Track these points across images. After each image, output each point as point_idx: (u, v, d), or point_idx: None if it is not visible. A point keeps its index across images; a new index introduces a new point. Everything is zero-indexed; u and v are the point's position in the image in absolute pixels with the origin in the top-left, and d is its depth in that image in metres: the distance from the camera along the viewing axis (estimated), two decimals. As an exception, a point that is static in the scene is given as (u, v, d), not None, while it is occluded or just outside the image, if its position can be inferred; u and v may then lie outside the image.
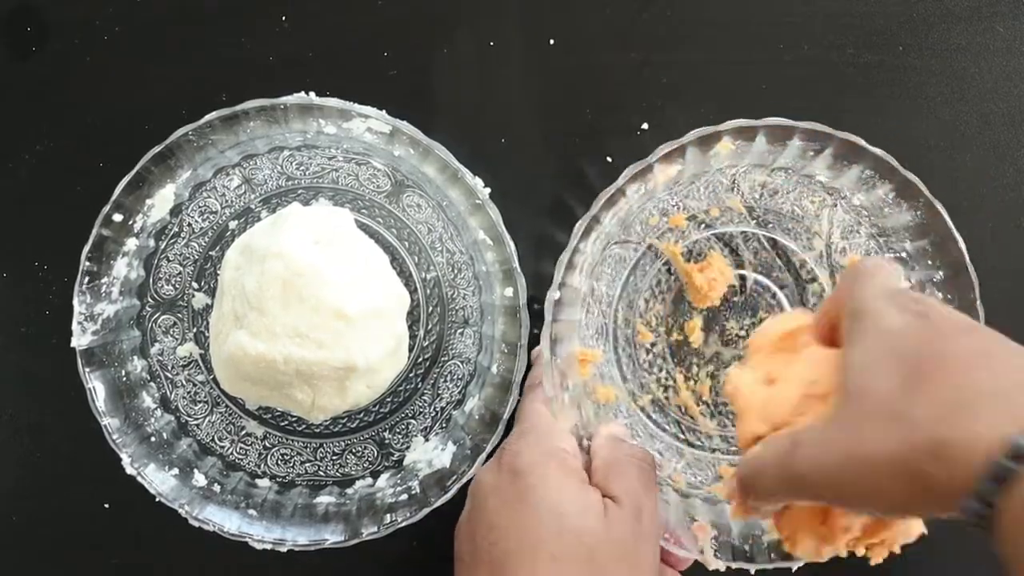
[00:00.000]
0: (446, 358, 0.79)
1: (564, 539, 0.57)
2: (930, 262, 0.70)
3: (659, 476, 0.73)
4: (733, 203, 0.76)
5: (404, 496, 0.75)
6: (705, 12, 0.79)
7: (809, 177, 0.74)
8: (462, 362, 0.79)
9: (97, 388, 0.74)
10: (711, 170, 0.75)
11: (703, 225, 0.77)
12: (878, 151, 0.68)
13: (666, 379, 0.78)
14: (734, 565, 0.69)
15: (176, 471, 0.75)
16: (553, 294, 0.69)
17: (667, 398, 0.77)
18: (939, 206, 0.68)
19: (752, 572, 0.69)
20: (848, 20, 0.79)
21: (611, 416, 0.75)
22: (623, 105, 0.79)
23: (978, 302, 0.68)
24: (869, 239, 0.74)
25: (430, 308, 0.79)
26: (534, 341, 0.74)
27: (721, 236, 0.77)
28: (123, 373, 0.76)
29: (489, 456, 0.73)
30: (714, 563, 0.69)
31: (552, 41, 0.80)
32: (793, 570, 0.69)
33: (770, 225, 0.76)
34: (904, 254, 0.72)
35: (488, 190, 0.75)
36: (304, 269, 0.70)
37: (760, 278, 0.77)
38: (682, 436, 0.77)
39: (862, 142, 0.68)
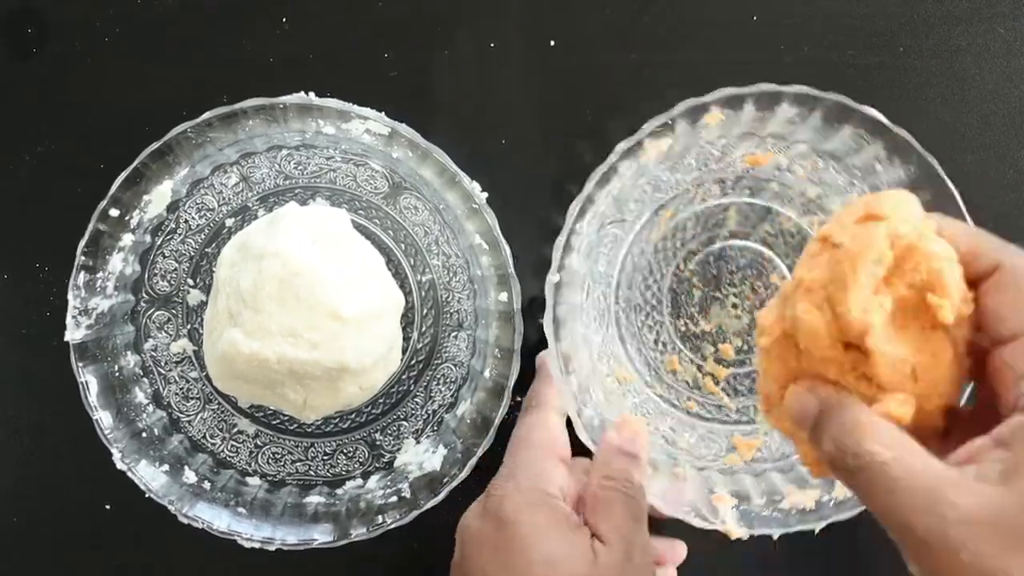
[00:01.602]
0: (439, 361, 0.78)
1: None
2: None
3: (674, 451, 0.73)
4: (726, 173, 0.76)
5: (394, 498, 0.74)
6: (705, 13, 0.79)
7: (800, 142, 0.74)
8: (455, 365, 0.78)
9: (90, 382, 0.74)
10: (701, 142, 0.75)
11: (698, 199, 0.77)
12: (867, 109, 0.68)
13: (672, 353, 0.78)
14: (757, 532, 0.68)
15: (167, 467, 0.75)
16: (553, 277, 0.69)
17: (675, 374, 0.77)
18: (932, 160, 0.68)
19: (775, 537, 0.68)
20: (848, 21, 0.78)
21: (623, 399, 0.75)
22: (623, 106, 0.79)
23: None
24: None
25: (424, 311, 0.79)
26: (529, 347, 0.73)
27: (715, 208, 0.76)
28: (116, 368, 0.76)
29: (479, 462, 0.73)
30: (737, 532, 0.68)
31: (552, 42, 0.80)
32: (816, 532, 0.68)
33: (763, 192, 0.76)
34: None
35: (485, 195, 0.75)
36: (301, 269, 0.70)
37: (750, 244, 0.77)
38: (693, 411, 0.77)
39: (851, 102, 0.68)
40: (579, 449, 0.67)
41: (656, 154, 0.72)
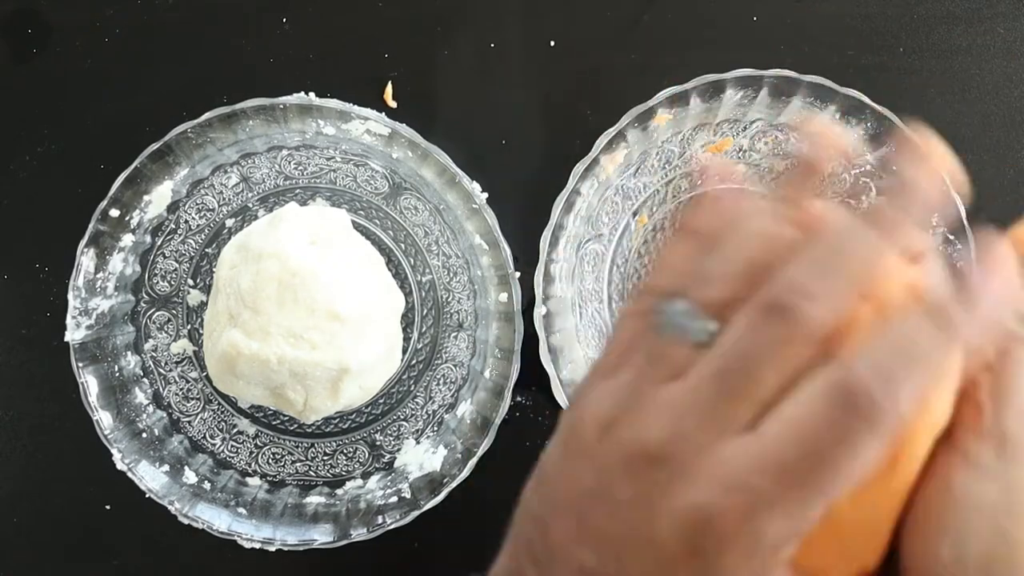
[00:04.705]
0: (439, 361, 0.78)
1: None
2: (895, 167, 0.71)
3: None
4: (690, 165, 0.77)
5: (394, 499, 0.74)
6: (705, 13, 0.79)
7: (756, 121, 0.75)
8: (455, 366, 0.78)
9: (90, 383, 0.74)
10: (657, 144, 0.76)
11: (669, 196, 0.77)
12: (811, 78, 0.70)
13: None
14: None
15: (167, 468, 0.75)
16: (540, 310, 0.69)
17: None
18: (887, 113, 0.70)
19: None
20: (848, 21, 0.78)
21: None
22: (624, 106, 0.78)
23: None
24: None
25: (425, 311, 0.79)
26: (528, 347, 0.73)
27: (688, 201, 0.77)
28: (116, 368, 0.76)
29: (479, 462, 0.73)
30: None
31: (552, 43, 0.79)
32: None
33: (733, 176, 0.77)
34: (868, 166, 0.73)
35: (486, 195, 0.75)
36: (300, 269, 0.70)
37: None
38: None
39: (794, 74, 0.70)
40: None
41: (614, 166, 0.72)
